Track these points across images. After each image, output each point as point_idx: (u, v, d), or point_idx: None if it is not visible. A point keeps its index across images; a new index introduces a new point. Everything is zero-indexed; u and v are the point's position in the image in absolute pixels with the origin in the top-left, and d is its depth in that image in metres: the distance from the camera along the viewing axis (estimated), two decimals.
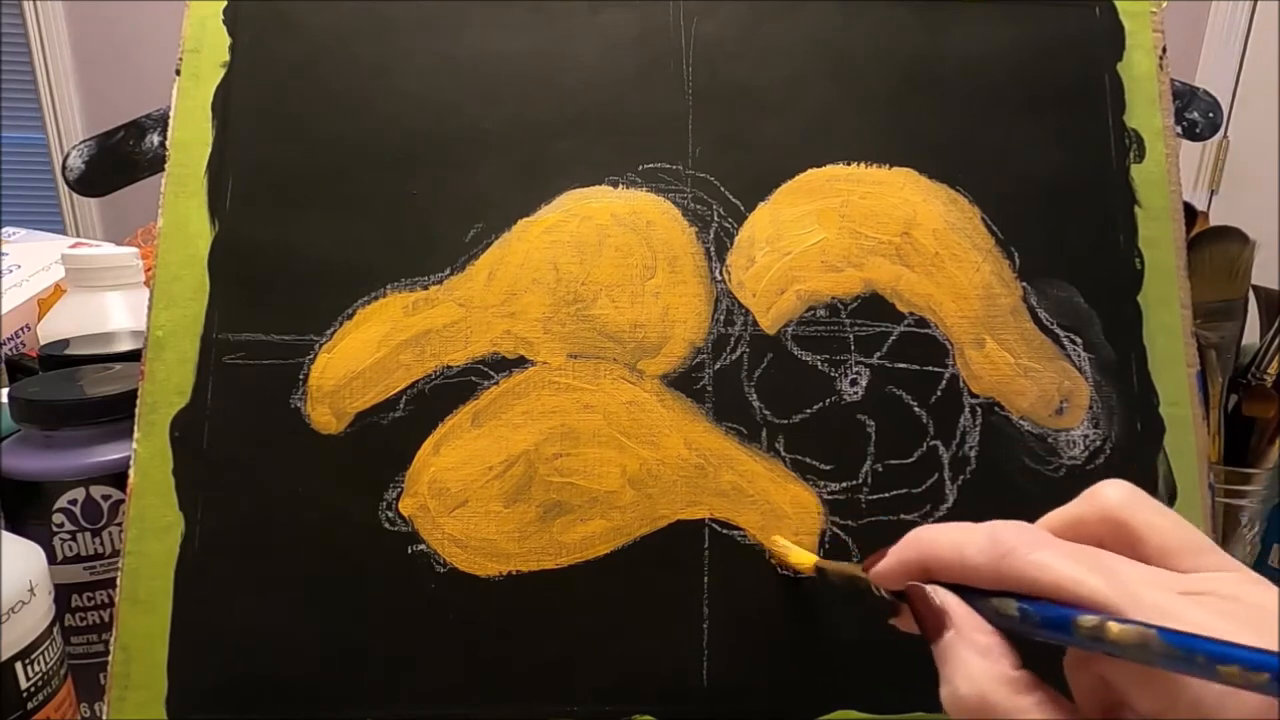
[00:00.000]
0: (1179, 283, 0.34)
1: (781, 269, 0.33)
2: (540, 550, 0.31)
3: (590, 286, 0.32)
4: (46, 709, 0.27)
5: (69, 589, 0.33)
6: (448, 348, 0.32)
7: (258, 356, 0.31)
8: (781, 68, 0.34)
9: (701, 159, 0.33)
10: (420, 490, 0.31)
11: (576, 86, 0.34)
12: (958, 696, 0.18)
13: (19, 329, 0.56)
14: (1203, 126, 0.45)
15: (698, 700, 0.30)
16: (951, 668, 0.18)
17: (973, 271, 0.33)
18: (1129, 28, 0.35)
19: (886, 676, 0.31)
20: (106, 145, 0.42)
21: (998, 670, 0.17)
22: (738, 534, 0.31)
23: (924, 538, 0.20)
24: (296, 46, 0.34)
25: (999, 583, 0.18)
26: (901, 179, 0.34)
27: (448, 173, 0.33)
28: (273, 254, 0.32)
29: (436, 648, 0.30)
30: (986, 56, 0.35)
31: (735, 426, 0.32)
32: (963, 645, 0.18)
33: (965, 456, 0.32)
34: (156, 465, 0.30)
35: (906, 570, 0.20)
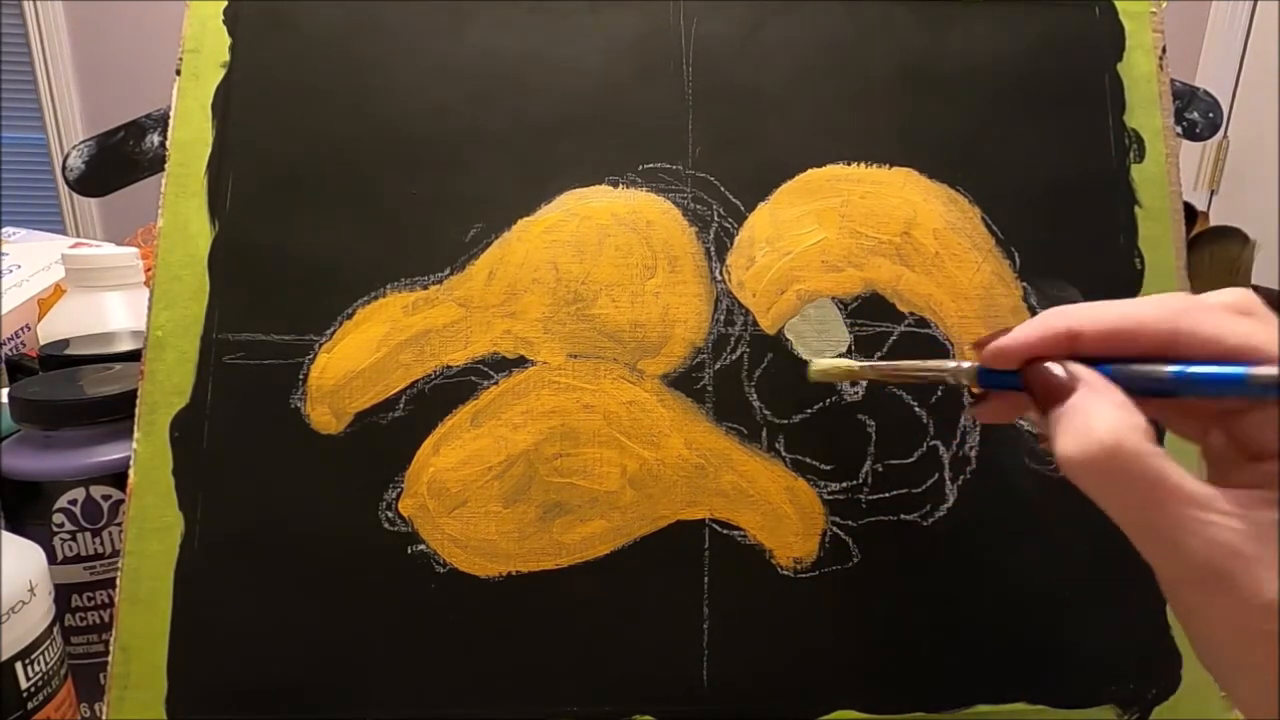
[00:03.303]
0: (1179, 283, 0.34)
1: (782, 269, 0.33)
2: (540, 550, 0.31)
3: (590, 286, 0.32)
4: (46, 709, 0.27)
5: (69, 589, 0.33)
6: (448, 347, 0.32)
7: (258, 356, 0.31)
8: (781, 68, 0.34)
9: (701, 159, 0.33)
10: (420, 490, 0.31)
11: (577, 86, 0.34)
12: (1094, 441, 0.18)
13: (19, 329, 0.56)
14: (1203, 126, 0.45)
15: (698, 700, 0.30)
16: (1083, 418, 0.18)
17: (973, 271, 0.33)
18: (1129, 28, 0.35)
19: (886, 676, 0.31)
20: (106, 145, 0.42)
21: (1136, 419, 0.18)
22: (738, 534, 0.31)
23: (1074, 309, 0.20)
24: (296, 46, 0.34)
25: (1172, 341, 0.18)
26: (902, 179, 0.34)
27: (448, 173, 0.33)
28: (273, 254, 0.32)
29: (436, 648, 0.30)
30: (987, 56, 0.35)
31: (735, 426, 0.32)
32: (1096, 399, 0.18)
33: (965, 456, 0.32)
34: (156, 465, 0.30)
35: (1049, 340, 0.20)
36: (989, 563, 0.32)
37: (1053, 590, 0.31)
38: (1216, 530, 0.17)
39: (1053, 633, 0.32)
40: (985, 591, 0.32)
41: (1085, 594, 0.32)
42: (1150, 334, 0.19)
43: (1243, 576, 0.16)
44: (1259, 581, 0.16)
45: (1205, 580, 0.17)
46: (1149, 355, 0.19)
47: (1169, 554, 0.18)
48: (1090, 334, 0.20)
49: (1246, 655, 0.17)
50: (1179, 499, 0.17)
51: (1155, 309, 0.19)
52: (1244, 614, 0.17)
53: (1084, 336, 0.20)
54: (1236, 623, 0.17)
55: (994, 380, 0.22)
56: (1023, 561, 0.32)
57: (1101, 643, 0.32)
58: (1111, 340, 0.19)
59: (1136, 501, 0.18)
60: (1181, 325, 0.18)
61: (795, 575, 0.31)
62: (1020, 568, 0.32)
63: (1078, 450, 0.18)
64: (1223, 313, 0.18)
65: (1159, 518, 0.17)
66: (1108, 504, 0.18)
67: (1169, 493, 0.17)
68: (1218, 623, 0.17)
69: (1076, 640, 0.31)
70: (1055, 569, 0.32)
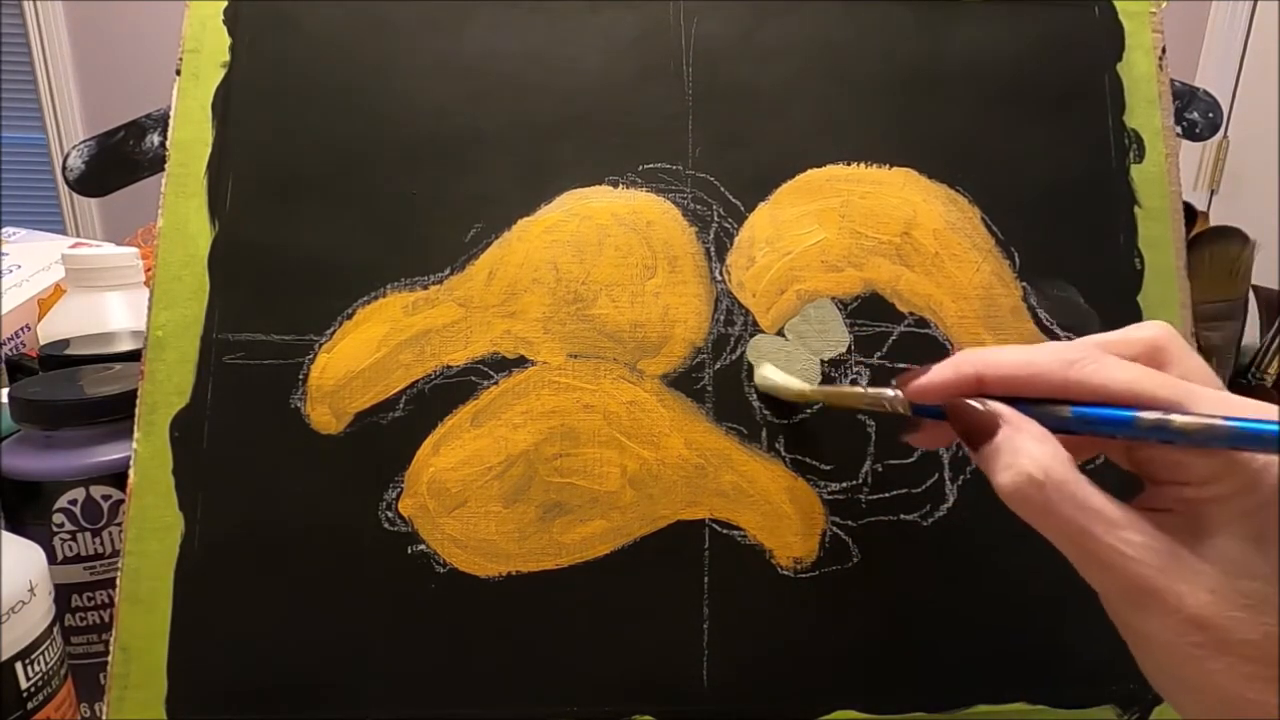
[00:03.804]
0: (1179, 283, 0.34)
1: (781, 269, 0.33)
2: (540, 550, 0.31)
3: (590, 286, 0.32)
4: (46, 709, 0.27)
5: (69, 589, 0.33)
6: (447, 347, 0.32)
7: (258, 356, 0.31)
8: (781, 68, 0.34)
9: (701, 159, 0.33)
10: (420, 490, 0.31)
11: (576, 86, 0.34)
12: (1025, 474, 0.19)
13: (19, 329, 0.56)
14: (1203, 126, 0.45)
15: (698, 700, 0.30)
16: (1010, 455, 0.20)
17: (973, 272, 0.33)
18: (1129, 28, 0.35)
19: (886, 676, 0.31)
20: (106, 145, 0.42)
21: (1057, 450, 0.19)
22: (738, 534, 0.31)
23: (980, 354, 0.21)
24: (296, 46, 0.34)
25: (1064, 389, 0.20)
26: (901, 179, 0.34)
27: (448, 173, 0.33)
28: (273, 254, 0.32)
29: (436, 648, 0.30)
30: (986, 56, 0.35)
31: (735, 426, 0.32)
32: (1020, 435, 0.20)
33: (965, 456, 0.32)
34: (156, 465, 0.30)
35: (959, 382, 0.22)
36: (989, 563, 0.32)
37: (1053, 590, 0.31)
38: (1137, 549, 0.18)
39: (1053, 633, 0.32)
40: (985, 591, 0.32)
41: (1085, 594, 0.31)
42: (1045, 381, 0.20)
43: (1164, 592, 0.18)
44: (1179, 596, 0.17)
45: (1134, 598, 0.18)
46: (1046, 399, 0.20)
47: (1101, 575, 0.19)
48: (992, 379, 0.21)
49: (1181, 670, 0.18)
50: (1102, 522, 0.18)
51: (1050, 358, 0.20)
52: (1172, 629, 0.18)
53: (987, 381, 0.21)
54: (1167, 639, 0.18)
55: (923, 411, 0.23)
56: (1023, 562, 0.32)
57: (1102, 643, 0.32)
58: (1011, 385, 0.21)
59: (1066, 526, 0.19)
60: (1071, 375, 0.20)
61: (795, 575, 0.31)
62: (1020, 568, 0.32)
63: (1011, 483, 0.19)
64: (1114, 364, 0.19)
65: (1088, 541, 0.18)
66: (1045, 530, 0.19)
67: (1093, 516, 0.18)
68: (1157, 641, 0.18)
69: (1076, 640, 0.31)
70: (1055, 569, 0.32)
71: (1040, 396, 0.20)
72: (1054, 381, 0.20)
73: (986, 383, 0.21)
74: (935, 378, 0.22)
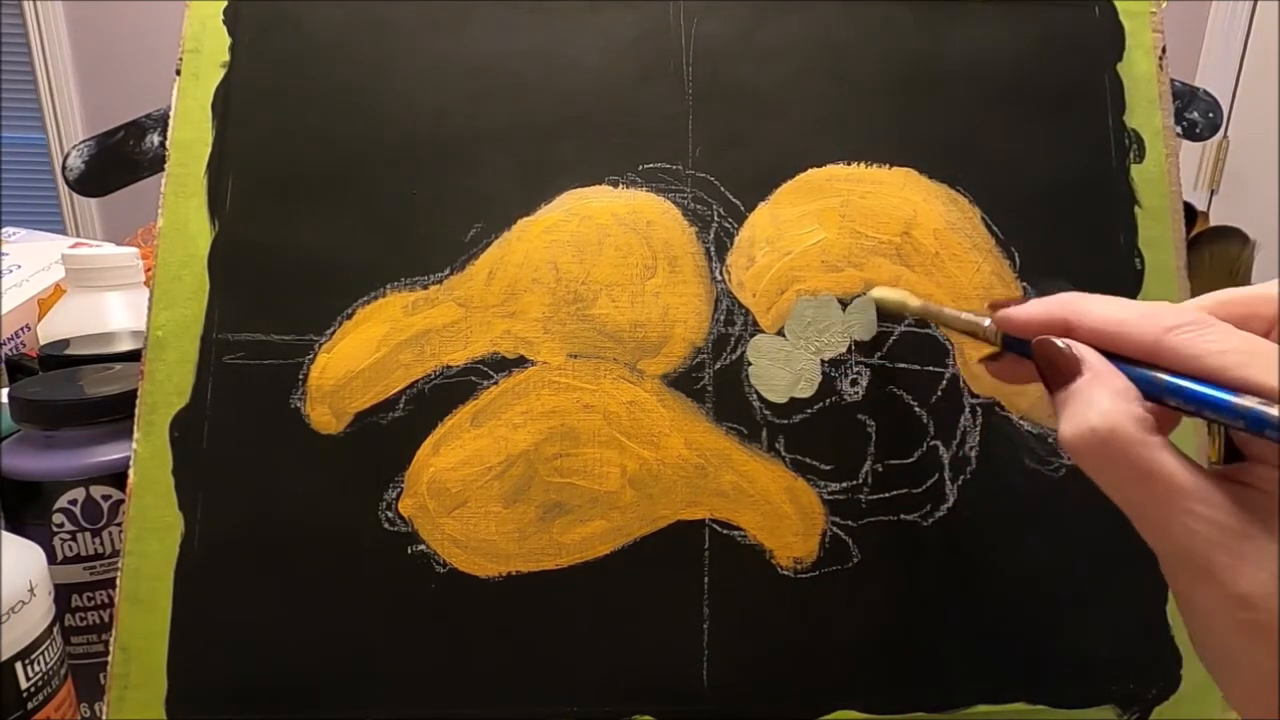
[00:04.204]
0: (1179, 283, 0.34)
1: (782, 269, 0.33)
2: (540, 551, 0.31)
3: (590, 286, 0.32)
4: (46, 709, 0.27)
5: (69, 589, 0.33)
6: (447, 347, 0.32)
7: (258, 356, 0.31)
8: (781, 68, 0.34)
9: (701, 159, 0.33)
10: (420, 490, 0.31)
11: (577, 86, 0.34)
12: (1088, 428, 0.18)
13: (19, 329, 0.56)
14: (1203, 126, 0.45)
15: (698, 700, 0.30)
16: (1083, 404, 0.19)
17: (973, 271, 0.33)
18: (1129, 28, 0.35)
19: (886, 676, 0.31)
20: (106, 145, 0.42)
21: (1132, 409, 0.18)
22: (738, 534, 0.31)
23: (1077, 300, 0.21)
24: (296, 46, 0.34)
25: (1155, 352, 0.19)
26: (902, 179, 0.34)
27: (448, 173, 0.33)
28: (273, 254, 0.32)
29: (436, 648, 0.30)
30: (987, 56, 0.35)
31: (735, 426, 0.32)
32: (1098, 385, 0.19)
33: (965, 456, 0.32)
34: (156, 465, 0.30)
35: (1046, 322, 0.21)
36: (989, 563, 0.32)
37: (1053, 590, 0.31)
38: (1198, 520, 0.17)
39: (1053, 633, 0.32)
40: (985, 591, 0.32)
41: (1085, 594, 0.32)
42: (1136, 342, 0.19)
43: (1221, 566, 0.17)
44: (1235, 571, 0.17)
45: (1190, 567, 0.18)
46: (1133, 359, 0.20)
47: (1159, 540, 0.18)
48: (1082, 329, 0.20)
49: (1229, 643, 0.18)
50: (1167, 488, 0.18)
51: (1144, 318, 0.19)
52: (1223, 603, 0.17)
53: (1077, 329, 0.21)
54: (1219, 611, 0.18)
55: (1016, 346, 0.23)
56: (1022, 562, 0.32)
57: (1101, 643, 0.32)
58: (1099, 339, 0.20)
59: (1128, 488, 0.18)
60: (1165, 343, 0.19)
61: (795, 575, 0.31)
62: (1020, 568, 0.32)
63: (1074, 434, 0.19)
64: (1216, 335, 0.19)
65: (1149, 505, 0.18)
66: (1104, 486, 0.19)
67: (1158, 481, 0.18)
68: (1204, 611, 0.18)
69: (1076, 640, 0.31)
70: (1055, 569, 0.32)
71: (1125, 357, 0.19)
72: (1144, 343, 0.19)
73: (1074, 331, 0.20)
74: (1025, 312, 0.22)
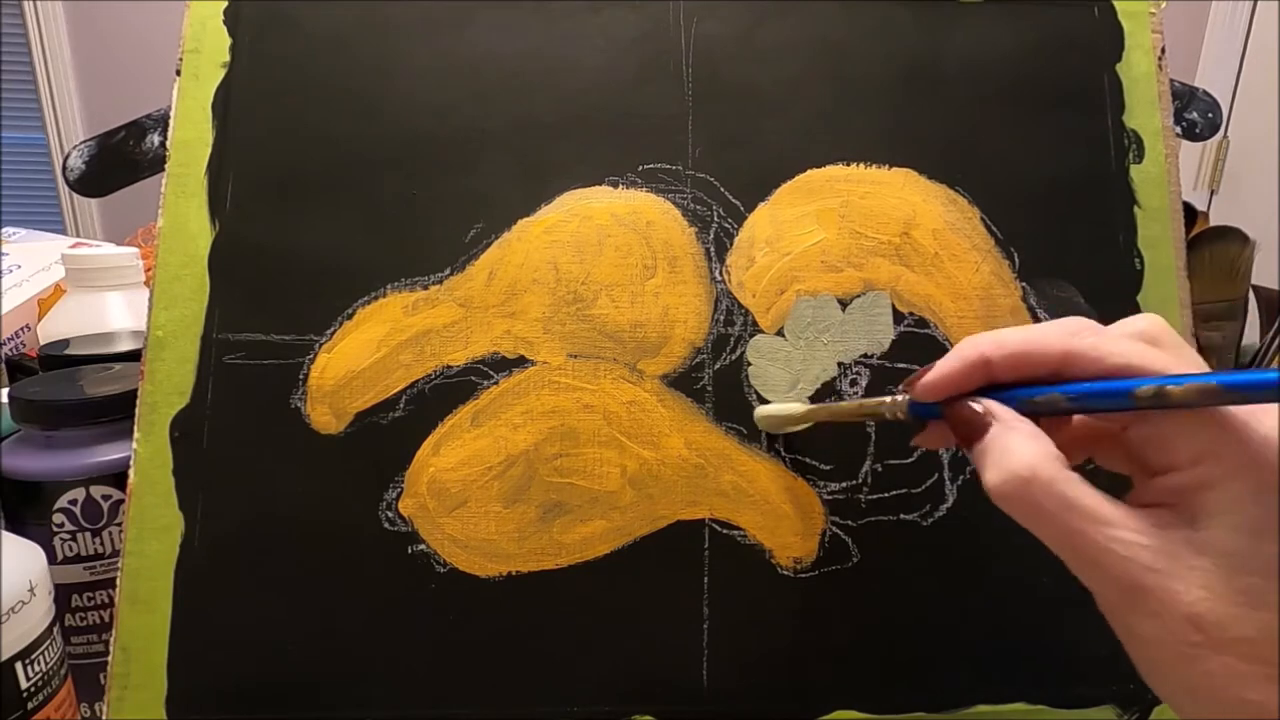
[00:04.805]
0: (1179, 283, 0.34)
1: (781, 269, 0.33)
2: (540, 550, 0.31)
3: (590, 286, 0.32)
4: (46, 709, 0.27)
5: (69, 589, 0.33)
6: (448, 347, 0.32)
7: (258, 356, 0.31)
8: (781, 68, 0.34)
9: (701, 159, 0.33)
10: (420, 490, 0.31)
11: (577, 86, 0.34)
12: (1011, 472, 0.19)
13: (19, 329, 0.56)
14: (1203, 126, 0.45)
15: (698, 700, 0.30)
16: (1000, 452, 0.20)
17: (972, 272, 0.33)
18: (1128, 28, 0.35)
19: (886, 676, 0.31)
20: (106, 145, 0.42)
21: (1048, 448, 0.19)
22: (738, 534, 0.31)
23: (985, 337, 0.21)
24: (296, 46, 0.34)
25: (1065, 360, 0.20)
26: (901, 179, 0.34)
27: (448, 173, 0.33)
28: (273, 254, 0.32)
29: (436, 648, 0.30)
30: (986, 57, 0.35)
31: (735, 426, 0.32)
32: (1011, 433, 0.20)
33: (965, 456, 0.32)
34: (156, 465, 0.30)
35: (968, 369, 0.21)
36: (989, 563, 0.32)
37: (1053, 590, 0.31)
38: (1128, 548, 0.18)
39: (1053, 633, 0.32)
40: (985, 591, 0.32)
41: (1085, 594, 0.32)
42: (1046, 354, 0.20)
43: (1159, 591, 0.17)
44: (1174, 594, 0.17)
45: (1128, 598, 0.18)
46: (1050, 375, 0.20)
47: (1093, 575, 0.19)
48: (998, 359, 0.21)
49: (1178, 671, 0.18)
50: (1092, 520, 0.18)
51: (1052, 333, 0.20)
52: (1169, 629, 0.17)
53: (994, 362, 0.21)
54: (1163, 639, 0.17)
55: (922, 411, 0.23)
56: (1023, 561, 0.32)
57: (1102, 642, 0.32)
58: (1017, 363, 0.21)
59: (1056, 525, 0.19)
60: (1071, 346, 0.20)
61: (795, 575, 0.31)
62: (1020, 568, 0.32)
63: (999, 481, 0.19)
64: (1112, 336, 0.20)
65: (1078, 540, 0.18)
66: (1034, 530, 0.19)
67: (1083, 515, 0.18)
68: (1149, 641, 0.18)
69: (1077, 640, 0.31)
70: (1055, 569, 0.32)
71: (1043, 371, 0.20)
72: (1054, 353, 0.20)
73: (994, 364, 0.21)
74: (941, 371, 0.22)
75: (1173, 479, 0.18)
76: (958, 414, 0.21)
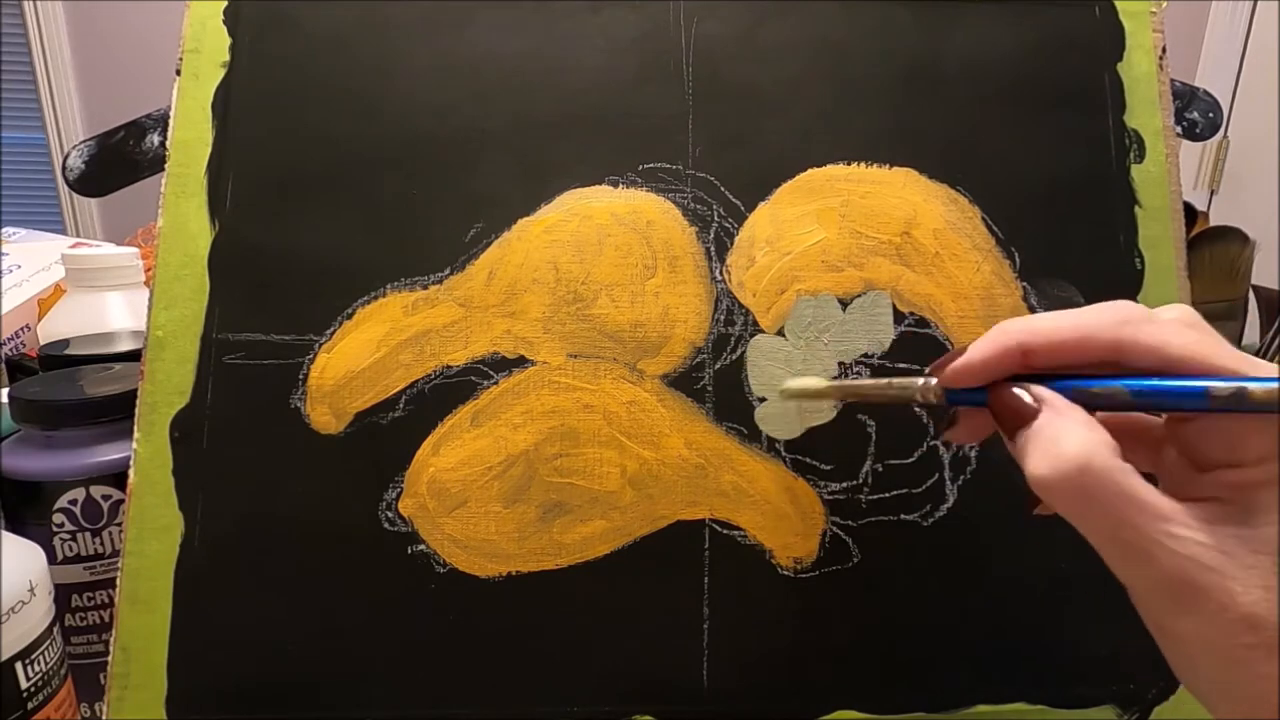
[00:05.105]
0: (1179, 283, 0.34)
1: (782, 269, 0.33)
2: (540, 551, 0.31)
3: (590, 286, 0.32)
4: (46, 709, 0.27)
5: (69, 589, 0.33)
6: (447, 347, 0.32)
7: (258, 356, 0.31)
8: (781, 68, 0.34)
9: (701, 159, 0.33)
10: (420, 490, 0.31)
11: (577, 86, 0.34)
12: (1062, 459, 0.18)
13: (19, 329, 0.56)
14: (1203, 126, 0.45)
15: (698, 700, 0.30)
16: (1051, 439, 0.18)
17: (973, 271, 0.33)
18: (1129, 28, 0.35)
19: (886, 676, 0.31)
20: (106, 145, 0.42)
21: (1104, 436, 0.18)
22: (738, 534, 0.31)
23: (1022, 323, 0.20)
24: (296, 46, 0.34)
25: (1116, 349, 0.18)
26: (902, 179, 0.34)
27: (448, 173, 0.33)
28: (273, 254, 0.32)
29: (436, 648, 0.30)
30: (987, 56, 0.35)
31: (735, 426, 0.32)
32: (1062, 419, 0.18)
33: (965, 456, 0.32)
34: (156, 465, 0.30)
35: (1003, 356, 0.20)
36: (988, 563, 0.32)
37: (1053, 590, 0.31)
38: (1184, 544, 0.17)
39: (1053, 633, 0.32)
40: (985, 592, 0.32)
41: (1085, 594, 0.32)
42: (1096, 344, 0.19)
43: (1214, 590, 0.17)
44: (1230, 594, 0.16)
45: (1178, 595, 0.17)
46: (1096, 365, 0.19)
47: (1141, 569, 0.18)
48: (1040, 347, 0.20)
49: (1225, 673, 0.17)
50: (1148, 514, 0.17)
51: (1100, 319, 0.19)
52: (1219, 630, 0.17)
53: (1035, 350, 0.20)
54: (1213, 640, 0.17)
55: (961, 398, 0.22)
56: (1023, 561, 0.32)
57: (1101, 643, 0.32)
58: (1060, 352, 0.19)
59: (1108, 518, 0.18)
60: (1124, 335, 0.18)
61: (795, 575, 0.31)
62: (1020, 568, 0.32)
63: (1049, 470, 0.18)
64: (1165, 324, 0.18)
65: (1130, 533, 0.17)
66: (1080, 522, 0.18)
67: (1139, 508, 0.17)
68: (1194, 642, 0.17)
69: (1077, 640, 0.31)
70: (1055, 569, 0.32)
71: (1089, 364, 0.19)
72: (1105, 341, 0.19)
73: (1032, 352, 0.20)
74: (974, 356, 0.20)
75: (1232, 474, 0.18)
76: (1002, 399, 0.20)
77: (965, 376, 0.21)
